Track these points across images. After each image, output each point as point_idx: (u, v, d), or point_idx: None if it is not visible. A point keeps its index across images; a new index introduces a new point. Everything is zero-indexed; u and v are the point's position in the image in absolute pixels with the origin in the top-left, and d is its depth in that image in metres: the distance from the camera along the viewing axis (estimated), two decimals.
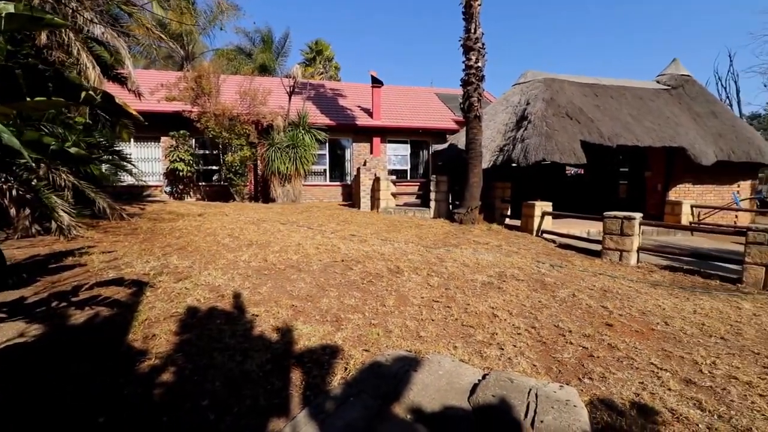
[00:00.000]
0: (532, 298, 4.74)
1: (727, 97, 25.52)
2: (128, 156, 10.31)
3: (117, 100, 2.32)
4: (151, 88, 13.50)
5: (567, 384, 2.91)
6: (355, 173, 14.16)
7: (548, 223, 9.38)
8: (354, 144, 15.76)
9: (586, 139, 10.18)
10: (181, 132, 13.49)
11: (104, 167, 8.64)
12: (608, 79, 13.16)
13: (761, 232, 5.75)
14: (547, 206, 9.35)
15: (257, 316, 3.87)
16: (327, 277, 5.08)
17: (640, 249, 7.17)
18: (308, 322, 3.83)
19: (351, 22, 77.94)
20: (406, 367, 3.00)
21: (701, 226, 10.26)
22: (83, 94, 1.94)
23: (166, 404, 2.57)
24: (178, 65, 22.47)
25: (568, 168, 16.99)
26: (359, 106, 16.65)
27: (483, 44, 10.24)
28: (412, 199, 13.15)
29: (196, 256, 5.75)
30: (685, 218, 10.67)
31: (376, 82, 15.57)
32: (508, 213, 10.73)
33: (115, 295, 4.16)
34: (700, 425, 2.48)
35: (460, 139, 11.55)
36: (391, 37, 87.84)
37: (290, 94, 14.07)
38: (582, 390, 2.87)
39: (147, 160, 14.29)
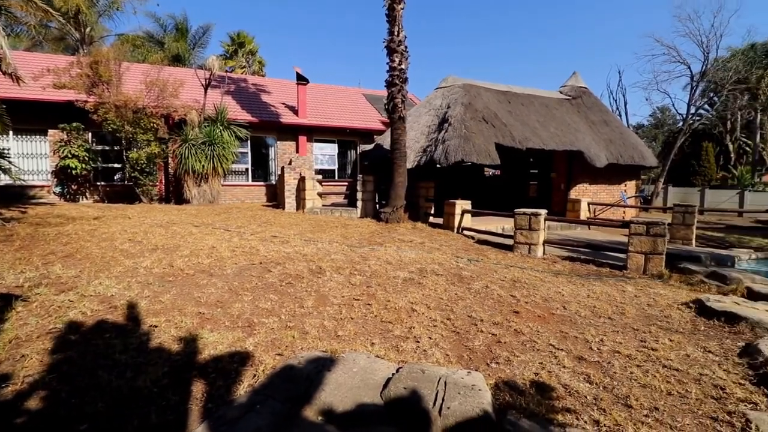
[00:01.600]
0: (449, 292, 4.91)
1: (617, 108, 29.25)
2: (5, 151, 8.84)
3: None
4: (35, 74, 11.72)
5: (476, 370, 3.04)
6: (279, 173, 13.66)
7: (468, 221, 9.88)
8: (278, 142, 15.21)
9: (500, 142, 10.92)
10: (74, 125, 11.85)
11: None
12: (519, 87, 14.29)
13: (641, 225, 6.60)
14: (467, 205, 9.85)
15: (156, 327, 3.49)
16: (242, 281, 4.78)
17: (545, 242, 7.84)
18: (216, 330, 3.55)
19: (277, 18, 75.54)
20: (320, 367, 2.91)
21: (596, 220, 11.58)
22: None
23: None
24: (72, 50, 19.82)
25: (486, 169, 18.12)
26: (284, 104, 16.13)
27: (406, 47, 10.49)
28: (340, 199, 13.04)
29: (85, 264, 5.06)
30: (584, 214, 11.94)
31: (301, 79, 15.20)
32: (432, 211, 11.12)
33: None
34: (587, 397, 2.73)
35: (385, 140, 11.72)
36: (320, 36, 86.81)
37: (206, 86, 13.13)
38: (489, 374, 3.01)
39: (31, 156, 12.38)
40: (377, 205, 11.29)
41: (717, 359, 3.33)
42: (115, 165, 13.24)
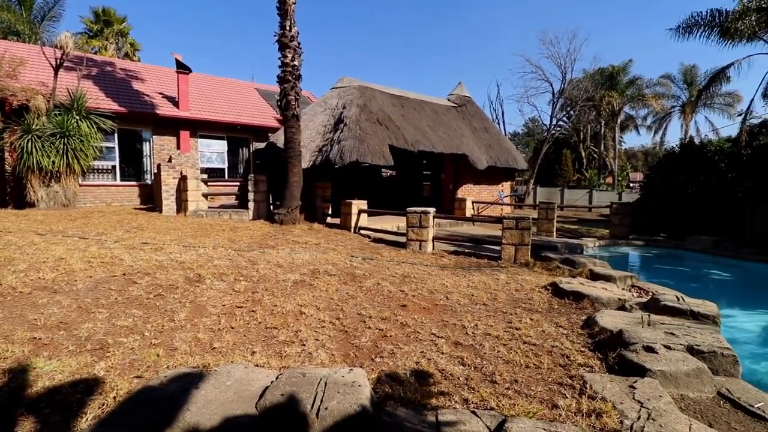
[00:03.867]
0: (341, 291, 4.88)
1: (496, 117, 32.81)
2: None
3: None
4: None
5: (360, 366, 3.04)
6: (156, 171, 12.13)
7: (364, 220, 10.03)
8: (155, 137, 13.50)
9: (394, 143, 11.34)
10: None
11: None
12: (412, 93, 15.05)
13: (511, 220, 7.43)
14: (363, 204, 9.98)
15: None
16: (96, 297, 4.08)
17: (435, 238, 8.35)
18: (56, 356, 2.95)
19: (160, 7, 67.57)
20: (187, 386, 2.60)
21: (479, 217, 12.77)
22: None
23: None
24: None
25: (384, 170, 18.71)
26: (162, 94, 14.39)
27: (299, 43, 10.21)
28: (231, 201, 12.12)
29: None
30: (468, 212, 13.07)
31: (183, 68, 13.75)
32: (329, 212, 11.02)
33: None
34: (460, 378, 2.93)
35: (279, 138, 11.27)
36: (210, 30, 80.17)
37: (57, 68, 11.02)
38: (372, 369, 3.03)
39: None
40: (271, 207, 10.78)
41: (565, 332, 3.87)
42: None
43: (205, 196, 10.82)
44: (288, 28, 9.98)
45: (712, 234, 10.32)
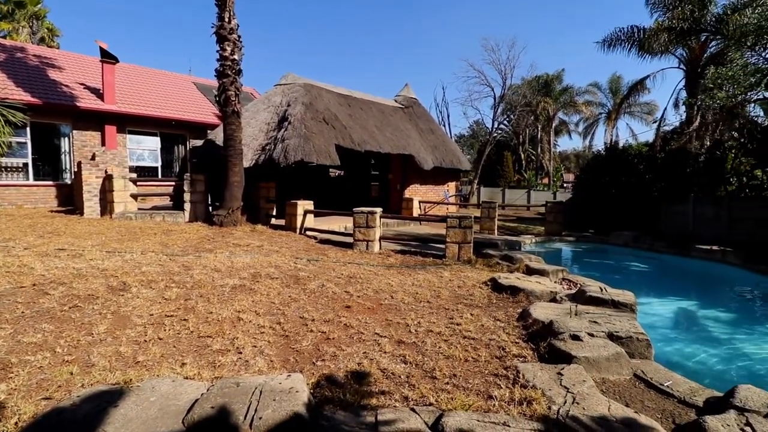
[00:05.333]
0: (283, 295, 4.72)
1: (442, 119, 33.79)
2: None
3: None
4: None
5: (300, 371, 2.95)
6: (77, 170, 11.02)
7: (311, 221, 9.83)
8: (76, 132, 12.25)
9: (341, 143, 11.23)
10: None
11: None
12: (359, 92, 15.02)
13: (455, 219, 7.65)
14: (309, 205, 9.78)
15: None
16: None
17: (382, 238, 8.38)
18: None
19: None
20: (104, 405, 2.36)
21: (426, 216, 13.04)
22: None
23: None
24: None
25: (332, 170, 18.51)
26: (84, 85, 13.10)
27: (239, 36, 9.78)
28: (165, 202, 11.32)
29: None
30: (416, 211, 13.30)
31: (108, 57, 12.62)
32: (274, 213, 10.67)
33: None
34: (401, 376, 2.94)
35: (219, 135, 10.70)
36: (143, 20, 74.57)
37: None
38: (312, 373, 2.95)
39: None
40: (210, 208, 10.22)
41: (503, 325, 4.04)
42: None
43: (135, 197, 9.99)
44: (227, 19, 9.52)
45: (633, 229, 11.37)
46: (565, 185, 39.46)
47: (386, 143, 13.09)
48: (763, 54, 9.84)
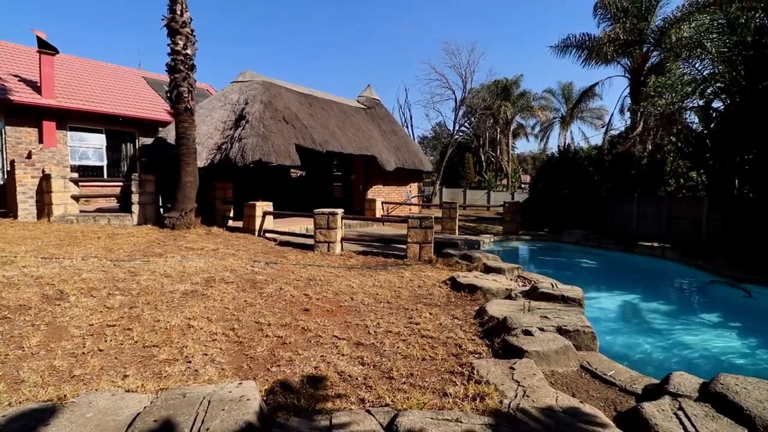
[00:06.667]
0: (238, 299, 4.56)
1: (404, 120, 34.13)
2: None
3: None
4: None
5: (253, 378, 2.85)
6: (10, 169, 10.12)
7: (270, 223, 9.59)
8: (9, 128, 11.23)
9: (301, 143, 11.04)
10: None
11: None
12: (320, 92, 14.84)
13: (416, 219, 7.73)
14: (268, 206, 9.53)
15: None
16: None
17: (343, 239, 8.31)
18: None
19: None
20: (34, 423, 2.17)
21: (389, 217, 13.10)
22: None
23: None
24: None
25: (294, 170, 18.16)
26: (18, 77, 12.05)
27: (192, 30, 9.36)
28: (112, 204, 10.63)
29: None
30: (378, 212, 13.32)
31: (46, 47, 11.68)
32: (231, 215, 10.31)
33: None
34: (358, 378, 2.91)
35: (171, 134, 10.18)
36: (88, 11, 69.83)
37: None
38: (267, 379, 2.86)
39: None
40: (161, 210, 9.70)
41: (460, 323, 4.12)
42: None
43: (77, 198, 9.28)
44: (179, 12, 9.09)
45: (584, 228, 12.01)
46: (523, 186, 41.02)
47: (348, 144, 13.02)
48: (696, 66, 10.72)
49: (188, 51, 9.17)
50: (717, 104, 10.56)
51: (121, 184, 10.24)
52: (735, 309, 6.55)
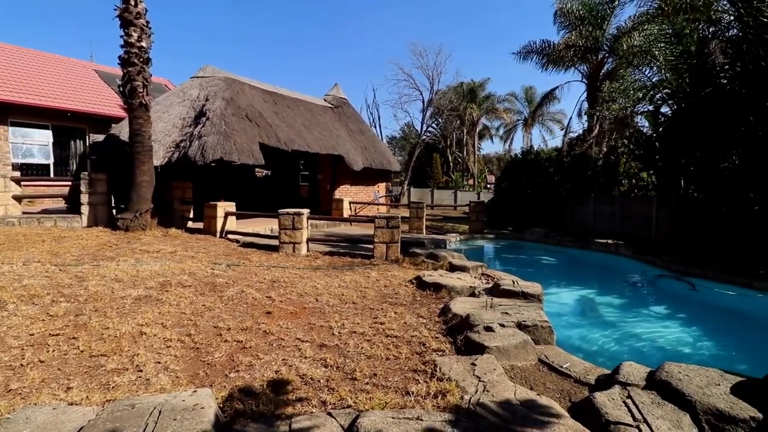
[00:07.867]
0: (196, 304, 4.37)
1: (373, 120, 34.20)
2: None
3: None
4: None
5: (210, 385, 2.74)
6: None
7: (233, 224, 9.29)
8: None
9: (266, 142, 10.77)
10: None
11: None
12: (285, 90, 14.56)
13: (383, 219, 7.72)
14: (231, 206, 9.24)
15: None
16: None
17: (309, 240, 8.18)
18: None
19: None
20: None
21: (356, 217, 13.04)
22: None
23: None
24: None
25: (259, 170, 17.72)
26: None
27: (147, 22, 8.92)
28: (59, 204, 9.94)
29: None
30: (346, 212, 13.23)
31: None
32: (191, 215, 9.90)
33: None
34: (321, 381, 2.86)
35: (124, 130, 9.64)
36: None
37: None
38: (225, 385, 2.75)
39: None
40: (114, 211, 9.17)
41: (425, 321, 4.14)
42: None
43: (19, 199, 8.60)
44: (133, 2, 8.63)
45: (545, 226, 12.46)
46: (488, 186, 42.08)
47: (315, 143, 12.85)
48: (647, 73, 11.40)
49: (143, 43, 8.72)
50: (665, 109, 11.26)
51: (69, 183, 9.60)
52: (681, 301, 7.00)
